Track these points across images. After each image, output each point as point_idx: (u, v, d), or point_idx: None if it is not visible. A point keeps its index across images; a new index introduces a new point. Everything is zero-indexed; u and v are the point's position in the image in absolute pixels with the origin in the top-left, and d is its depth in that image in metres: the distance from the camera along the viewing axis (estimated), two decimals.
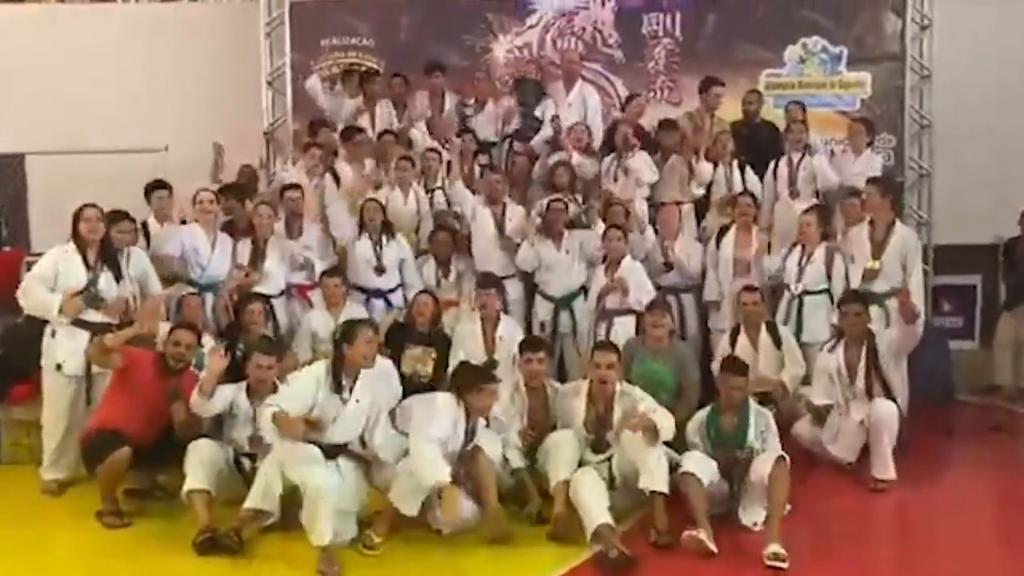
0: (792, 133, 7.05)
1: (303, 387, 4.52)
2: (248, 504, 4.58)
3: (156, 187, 6.51)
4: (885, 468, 5.28)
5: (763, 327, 5.83)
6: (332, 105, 7.77)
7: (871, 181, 6.28)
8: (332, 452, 4.55)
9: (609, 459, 4.83)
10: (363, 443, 4.69)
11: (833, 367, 5.49)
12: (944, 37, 8.08)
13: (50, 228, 7.35)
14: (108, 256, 5.26)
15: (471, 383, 4.69)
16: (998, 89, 8.14)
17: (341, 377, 4.53)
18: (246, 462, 4.91)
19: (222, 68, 8.36)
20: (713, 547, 4.33)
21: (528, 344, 5.33)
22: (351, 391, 4.56)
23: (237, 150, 7.57)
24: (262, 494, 4.57)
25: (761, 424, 4.83)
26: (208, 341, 5.47)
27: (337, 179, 6.91)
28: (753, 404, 4.91)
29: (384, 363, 5.30)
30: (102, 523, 4.85)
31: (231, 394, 4.95)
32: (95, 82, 8.44)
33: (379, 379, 4.89)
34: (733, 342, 5.84)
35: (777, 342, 5.78)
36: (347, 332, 4.59)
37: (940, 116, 8.13)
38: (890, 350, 5.45)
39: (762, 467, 4.60)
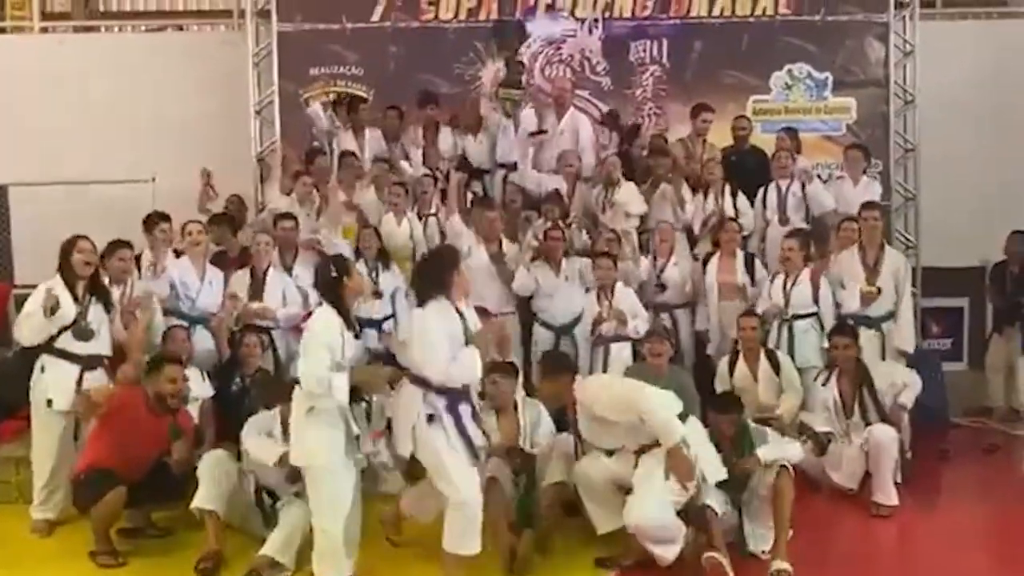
0: (778, 160, 7.10)
1: (329, 337, 4.18)
2: (267, 551, 4.50)
3: (160, 219, 6.31)
4: (886, 494, 5.27)
5: (762, 354, 5.83)
6: (332, 131, 7.70)
7: (870, 206, 6.32)
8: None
9: None
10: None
11: (829, 399, 5.51)
12: (927, 63, 8.22)
13: (34, 261, 7.27)
14: (97, 288, 5.15)
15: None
16: (981, 113, 8.26)
17: (350, 317, 4.30)
18: (267, 498, 4.83)
19: (209, 97, 8.31)
20: (731, 573, 4.32)
21: (496, 367, 5.11)
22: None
23: (225, 180, 7.55)
24: (283, 544, 4.50)
25: (760, 439, 4.81)
26: (194, 374, 5.37)
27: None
28: (751, 425, 4.89)
29: None
30: (96, 563, 4.73)
31: (266, 423, 4.84)
32: (81, 111, 8.37)
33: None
34: (732, 368, 5.84)
35: (776, 369, 5.78)
36: (341, 267, 4.33)
37: (925, 140, 8.25)
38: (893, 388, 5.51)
39: (767, 478, 4.60)
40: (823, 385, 5.59)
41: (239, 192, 7.68)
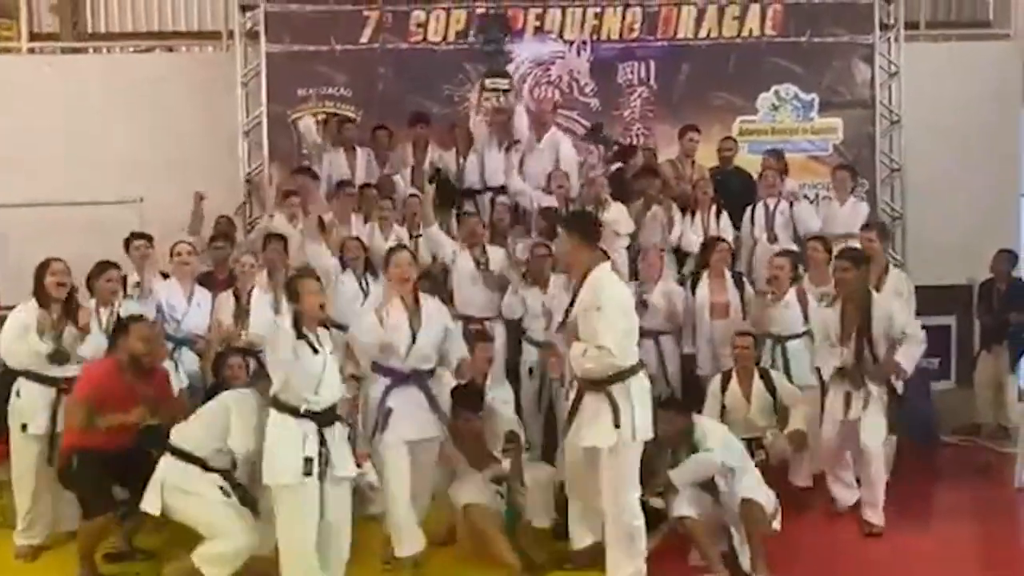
0: (765, 179, 7.13)
1: (283, 347, 4.17)
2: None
3: (134, 237, 6.30)
4: (877, 512, 5.25)
5: (756, 373, 5.82)
6: (323, 147, 7.69)
7: (869, 226, 6.34)
8: (328, 417, 4.25)
9: None
10: None
11: (831, 325, 5.42)
12: (912, 84, 8.32)
13: (21, 282, 7.19)
14: (72, 310, 5.02)
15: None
16: (967, 132, 8.34)
17: (304, 332, 4.23)
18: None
19: (198, 119, 8.29)
20: None
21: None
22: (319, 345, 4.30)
23: (214, 201, 7.49)
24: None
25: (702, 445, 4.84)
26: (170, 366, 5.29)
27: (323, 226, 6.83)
28: (697, 431, 4.90)
29: None
30: None
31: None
32: (69, 132, 8.32)
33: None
34: (724, 387, 5.83)
35: (771, 389, 5.76)
36: (294, 284, 4.31)
37: (910, 160, 8.34)
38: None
39: (737, 491, 4.68)
40: (828, 307, 5.52)
41: (227, 213, 7.64)
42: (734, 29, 8.25)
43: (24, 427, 4.93)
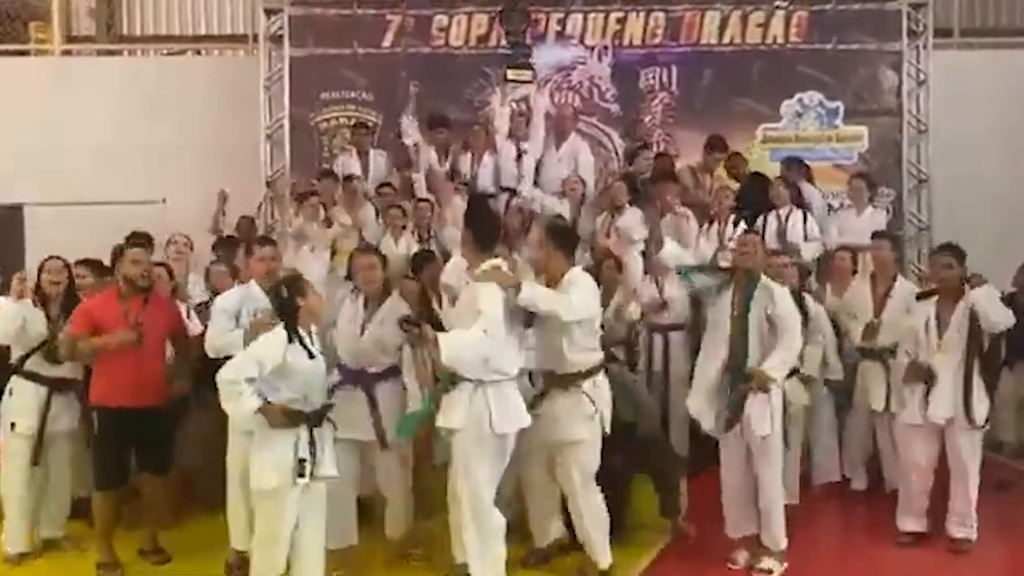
0: (774, 189, 7.00)
1: (267, 353, 4.07)
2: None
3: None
4: (965, 523, 5.06)
5: None
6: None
7: (880, 235, 6.18)
8: (318, 417, 4.17)
9: None
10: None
11: (921, 320, 5.13)
12: (940, 92, 8.16)
13: None
14: (70, 308, 4.97)
15: None
16: (995, 143, 8.18)
17: (303, 339, 4.16)
18: None
19: (221, 121, 8.42)
20: None
21: None
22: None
23: (236, 203, 7.60)
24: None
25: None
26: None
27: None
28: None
29: None
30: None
31: None
32: (95, 134, 8.51)
33: None
34: None
35: None
36: (294, 288, 4.20)
37: (938, 170, 8.18)
38: None
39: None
40: (918, 300, 5.26)
41: (249, 215, 7.73)
42: (758, 35, 8.18)
43: (13, 426, 4.89)
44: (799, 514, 5.33)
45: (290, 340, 4.09)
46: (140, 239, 6.10)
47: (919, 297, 5.30)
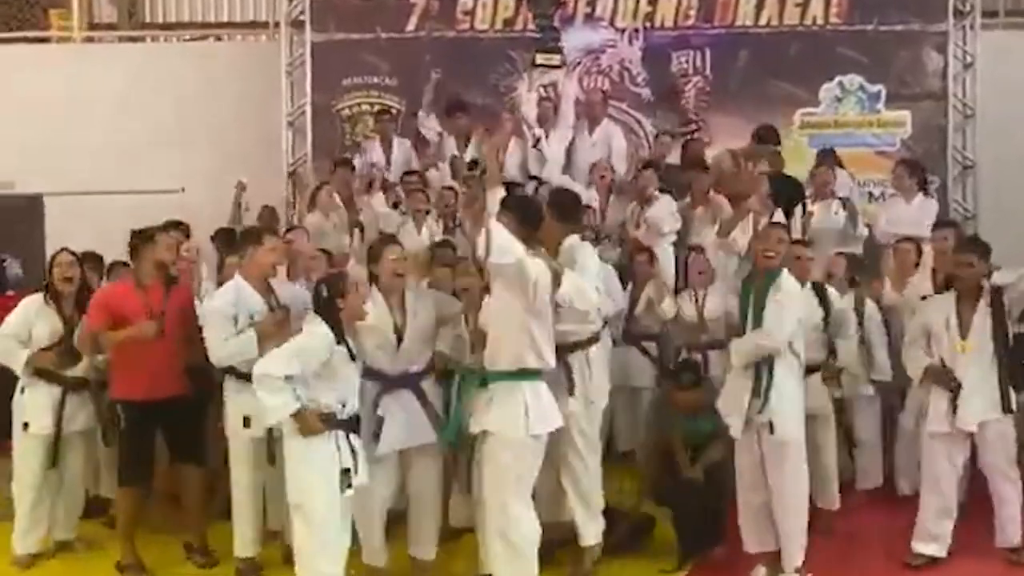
0: (815, 181, 6.64)
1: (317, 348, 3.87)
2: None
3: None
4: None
5: None
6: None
7: (943, 225, 5.78)
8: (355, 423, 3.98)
9: None
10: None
11: (940, 320, 4.77)
12: (988, 75, 7.81)
13: None
14: (85, 305, 4.78)
15: None
16: None
17: (346, 340, 3.96)
18: None
19: (242, 109, 8.26)
20: None
21: None
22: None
23: (257, 191, 7.43)
24: None
25: None
26: None
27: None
28: None
29: None
30: None
31: None
32: (114, 122, 8.38)
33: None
34: None
35: None
36: (335, 287, 3.98)
37: (984, 156, 7.85)
38: None
39: None
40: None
41: (272, 204, 7.56)
42: (796, 16, 7.85)
43: (26, 426, 4.74)
44: (835, 522, 5.11)
45: (337, 341, 3.89)
46: (176, 226, 5.95)
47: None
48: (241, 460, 4.50)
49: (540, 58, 7.25)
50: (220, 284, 5.12)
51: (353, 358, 3.96)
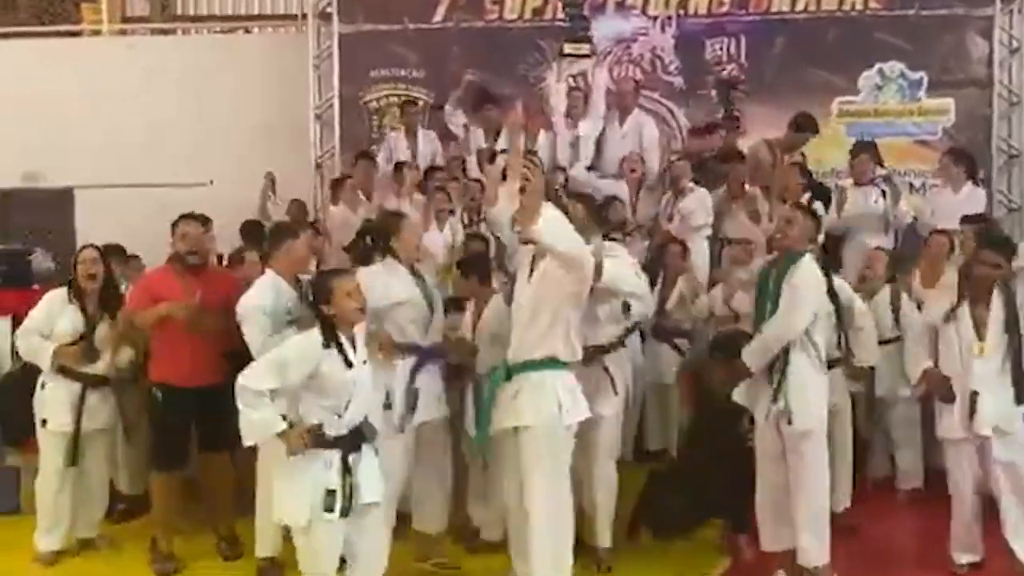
0: (854, 170, 6.41)
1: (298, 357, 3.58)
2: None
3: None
4: None
5: None
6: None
7: (970, 219, 5.59)
8: (354, 439, 3.61)
9: None
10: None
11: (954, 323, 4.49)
12: None
13: None
14: (109, 302, 4.75)
15: None
16: None
17: (339, 340, 3.61)
18: None
19: (269, 101, 8.22)
20: None
21: None
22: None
23: (285, 185, 7.43)
24: None
25: None
26: None
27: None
28: None
29: None
30: (152, 571, 4.58)
31: None
32: (144, 115, 8.36)
33: None
34: None
35: None
36: (319, 293, 3.65)
37: None
38: None
39: None
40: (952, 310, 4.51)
41: (300, 197, 7.50)
42: (834, 2, 7.64)
43: (44, 422, 4.69)
44: (873, 523, 4.97)
45: (326, 345, 3.55)
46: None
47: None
48: (272, 457, 4.41)
49: (568, 48, 7.13)
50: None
51: (350, 364, 3.57)
